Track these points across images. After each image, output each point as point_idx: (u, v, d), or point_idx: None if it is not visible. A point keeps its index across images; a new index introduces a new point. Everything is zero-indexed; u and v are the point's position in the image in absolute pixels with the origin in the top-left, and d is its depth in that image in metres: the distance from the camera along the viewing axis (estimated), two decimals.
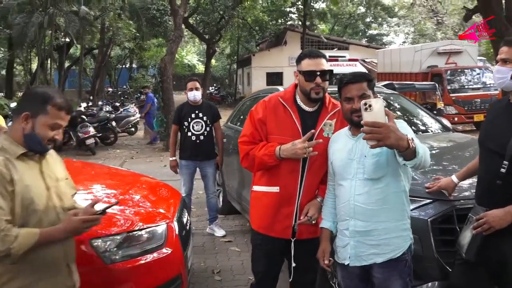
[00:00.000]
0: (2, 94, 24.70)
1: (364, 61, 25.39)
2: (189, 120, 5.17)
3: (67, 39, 24.81)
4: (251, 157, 2.53)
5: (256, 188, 2.65)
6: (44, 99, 1.90)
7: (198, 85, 5.22)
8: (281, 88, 5.05)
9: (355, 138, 2.28)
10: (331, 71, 2.52)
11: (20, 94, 20.59)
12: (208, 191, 5.39)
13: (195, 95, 5.17)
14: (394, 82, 11.49)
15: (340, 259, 2.32)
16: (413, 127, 4.62)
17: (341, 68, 14.89)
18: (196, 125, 5.18)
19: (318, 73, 2.45)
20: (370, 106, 1.83)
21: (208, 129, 5.22)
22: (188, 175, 5.26)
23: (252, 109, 2.66)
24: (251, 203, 2.71)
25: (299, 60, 2.56)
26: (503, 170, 2.22)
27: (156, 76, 13.19)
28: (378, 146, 1.85)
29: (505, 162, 2.22)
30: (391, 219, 2.20)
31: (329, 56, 15.65)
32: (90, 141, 11.59)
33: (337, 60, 15.73)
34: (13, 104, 12.65)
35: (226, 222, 5.82)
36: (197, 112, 5.20)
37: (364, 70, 16.57)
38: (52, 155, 2.05)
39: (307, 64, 2.48)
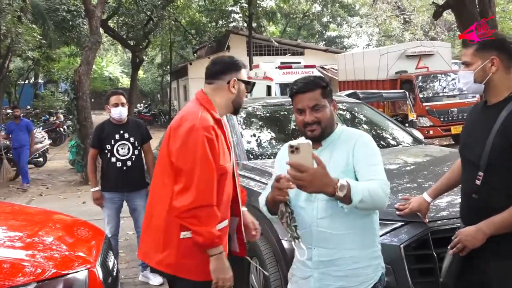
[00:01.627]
0: None
1: (322, 67, 26.26)
2: (112, 143, 5.13)
3: None
4: None
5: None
6: None
7: (123, 99, 5.21)
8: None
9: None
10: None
11: None
12: (139, 229, 5.30)
13: (121, 112, 5.14)
14: (358, 91, 11.89)
15: None
16: (381, 142, 4.84)
17: (296, 76, 15.28)
18: (122, 148, 5.15)
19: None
20: (297, 149, 2.02)
21: (136, 152, 5.20)
22: (113, 210, 5.20)
23: None
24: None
25: (238, 68, 2.86)
26: (478, 182, 2.39)
27: (69, 93, 12.96)
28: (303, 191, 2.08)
29: (480, 173, 2.38)
30: (359, 246, 2.29)
31: (281, 63, 16.20)
32: None
33: (290, 67, 16.16)
34: None
35: None
36: (121, 132, 5.17)
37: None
38: None
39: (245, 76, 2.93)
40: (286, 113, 5.27)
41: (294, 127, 5.20)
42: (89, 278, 2.92)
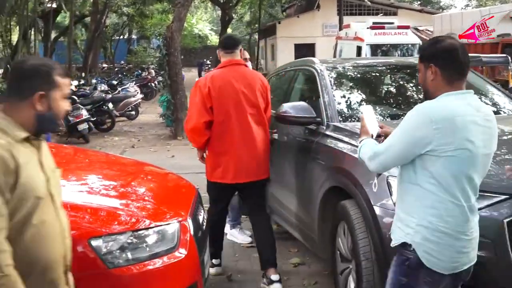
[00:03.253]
0: None
1: (416, 29, 25.02)
2: None
3: (54, 5, 25.14)
4: None
5: None
6: (47, 71, 2.01)
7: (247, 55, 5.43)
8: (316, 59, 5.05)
9: None
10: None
11: None
12: None
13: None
14: None
15: None
16: None
17: (388, 38, 14.76)
18: None
19: None
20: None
21: None
22: None
23: None
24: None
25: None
26: None
27: (161, 48, 13.23)
28: None
29: None
30: (401, 208, 2.39)
31: (373, 23, 15.62)
32: (83, 126, 11.76)
33: (383, 28, 15.52)
34: None
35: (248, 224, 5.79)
36: None
37: (417, 39, 16.34)
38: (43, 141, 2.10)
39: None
40: (377, 74, 5.06)
41: (386, 88, 5.01)
42: (180, 231, 2.96)
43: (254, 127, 4.04)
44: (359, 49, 15.26)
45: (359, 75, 5.00)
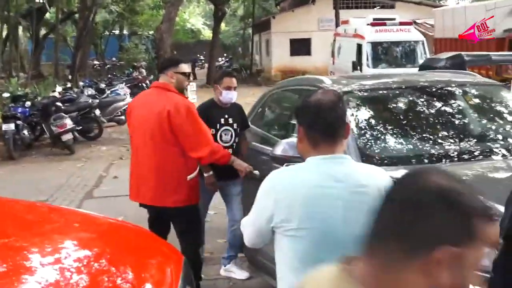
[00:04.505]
0: None
1: (415, 22, 24.28)
2: (218, 127, 4.71)
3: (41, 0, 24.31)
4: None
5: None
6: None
7: (236, 83, 4.84)
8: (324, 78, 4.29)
9: None
10: None
11: None
12: (233, 217, 4.82)
13: (233, 96, 4.77)
14: (463, 53, 10.53)
15: None
16: None
17: (390, 35, 14.02)
18: (225, 134, 4.75)
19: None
20: None
21: (237, 139, 4.79)
22: (207, 198, 4.85)
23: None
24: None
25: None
26: None
27: (150, 51, 12.44)
28: None
29: None
30: None
31: (374, 19, 14.86)
32: (67, 136, 10.95)
33: (384, 24, 14.73)
34: None
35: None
36: (226, 116, 4.77)
37: (420, 36, 15.59)
38: None
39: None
40: (412, 97, 4.00)
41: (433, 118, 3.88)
42: None
43: (156, 152, 4.00)
44: (359, 47, 14.48)
45: (386, 100, 4.03)
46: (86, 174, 9.17)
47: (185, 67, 4.26)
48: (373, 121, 3.75)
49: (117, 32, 39.12)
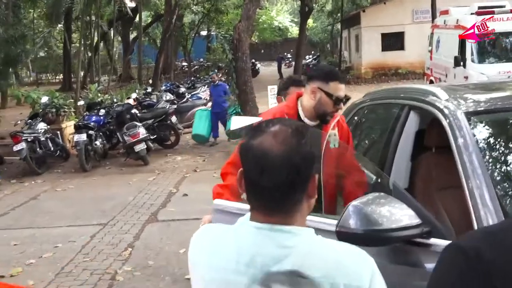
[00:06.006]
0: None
1: None
2: None
3: (133, 3, 24.39)
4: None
5: None
6: None
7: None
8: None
9: None
10: None
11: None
12: None
13: None
14: None
15: None
16: None
17: (500, 25, 12.12)
18: None
19: (344, 100, 2.95)
20: None
21: None
22: None
23: None
24: None
25: (325, 79, 2.87)
26: None
27: (227, 53, 11.47)
28: None
29: None
30: None
31: (479, 8, 12.96)
32: (140, 147, 10.22)
33: (493, 13, 12.78)
34: (44, 99, 11.69)
35: None
36: None
37: None
38: None
39: (337, 88, 2.88)
40: None
41: None
42: None
43: None
44: (462, 41, 12.67)
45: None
46: (156, 191, 8.34)
47: (338, 88, 2.87)
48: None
49: (204, 33, 39.02)
